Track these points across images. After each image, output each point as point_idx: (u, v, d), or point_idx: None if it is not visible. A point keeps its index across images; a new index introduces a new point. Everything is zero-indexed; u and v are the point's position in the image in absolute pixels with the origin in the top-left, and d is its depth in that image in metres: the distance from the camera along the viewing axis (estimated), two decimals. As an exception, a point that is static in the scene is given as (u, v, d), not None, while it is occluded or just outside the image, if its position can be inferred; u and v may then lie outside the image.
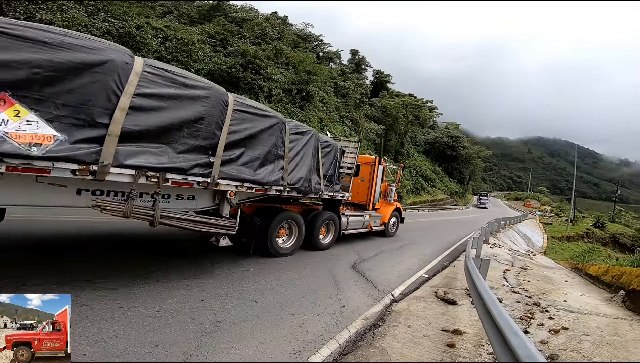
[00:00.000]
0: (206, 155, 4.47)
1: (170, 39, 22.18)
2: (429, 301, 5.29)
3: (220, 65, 24.05)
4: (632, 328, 4.27)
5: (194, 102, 4.29)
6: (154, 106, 3.88)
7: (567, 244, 36.35)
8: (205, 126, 4.40)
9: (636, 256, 8.93)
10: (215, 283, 4.76)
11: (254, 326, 3.68)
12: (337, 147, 7.65)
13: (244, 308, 4.09)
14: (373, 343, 3.78)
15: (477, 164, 68.38)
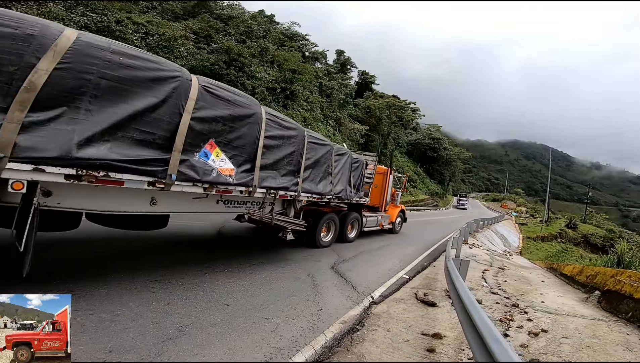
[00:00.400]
0: (295, 177, 6.08)
1: (152, 34, 21.56)
2: (409, 303, 5.17)
3: (203, 62, 23.58)
4: (610, 330, 4.27)
5: (290, 139, 5.85)
6: (273, 144, 5.43)
7: (542, 244, 37.50)
8: (295, 156, 6.01)
9: (610, 256, 9.18)
10: (184, 285, 4.47)
11: (223, 331, 3.46)
12: (362, 162, 9.49)
13: (214, 312, 3.85)
14: (351, 348, 3.61)
15: (457, 166, 69.78)
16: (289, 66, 29.49)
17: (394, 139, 55.12)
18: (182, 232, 7.24)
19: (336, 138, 36.96)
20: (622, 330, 4.31)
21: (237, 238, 7.95)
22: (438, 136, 64.54)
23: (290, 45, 35.65)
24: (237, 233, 8.45)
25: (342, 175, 8.01)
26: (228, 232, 8.34)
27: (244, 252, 6.55)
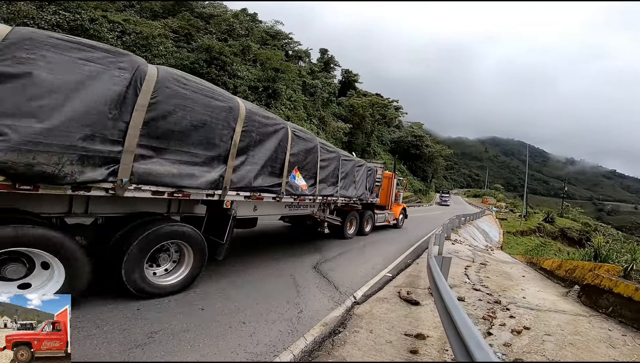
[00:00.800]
0: (335, 186, 8.12)
1: (129, 33, 20.85)
2: (392, 303, 5.08)
3: (183, 60, 23.09)
4: (591, 326, 4.29)
5: (333, 160, 7.90)
6: (324, 165, 7.37)
7: (521, 238, 38.51)
8: (336, 171, 8.07)
9: (587, 250, 9.40)
10: (157, 289, 4.22)
11: (196, 337, 3.29)
12: (375, 170, 11.71)
13: (188, 317, 3.67)
14: (332, 352, 3.48)
15: (439, 163, 70.92)
16: (272, 65, 29.18)
17: (378, 137, 55.51)
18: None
19: (320, 136, 36.89)
20: (604, 326, 4.33)
21: None
22: (420, 134, 65.42)
23: (273, 44, 35.30)
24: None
25: (362, 181, 10.04)
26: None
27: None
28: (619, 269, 5.94)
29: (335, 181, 8.08)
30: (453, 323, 2.31)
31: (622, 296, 4.75)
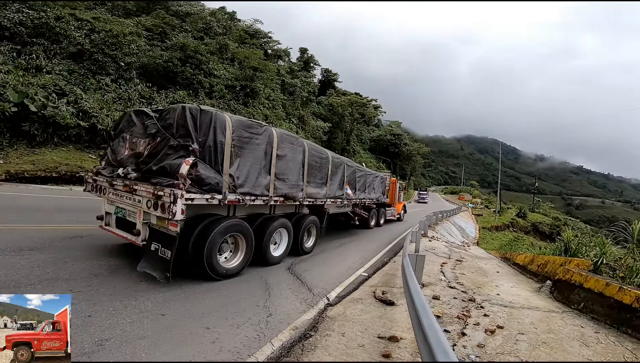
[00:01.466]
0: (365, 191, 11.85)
1: (98, 31, 19.88)
2: (367, 303, 4.93)
3: (155, 59, 22.29)
4: (564, 323, 4.27)
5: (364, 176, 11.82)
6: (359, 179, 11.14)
7: (496, 234, 39.63)
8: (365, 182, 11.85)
9: (557, 244, 9.63)
10: (113, 295, 3.90)
11: (153, 344, 3.03)
12: (385, 178, 15.62)
13: (145, 323, 3.38)
14: (301, 357, 3.28)
15: (417, 161, 72.07)
16: (250, 64, 28.71)
17: (357, 135, 55.77)
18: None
19: (300, 135, 36.54)
20: (577, 323, 4.32)
21: None
22: (399, 133, 66.25)
23: (252, 42, 34.68)
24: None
25: (378, 187, 13.79)
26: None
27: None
28: (589, 263, 6.03)
29: (364, 189, 11.76)
30: (421, 328, 2.17)
31: (593, 291, 4.78)
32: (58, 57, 18.02)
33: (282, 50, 46.51)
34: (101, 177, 5.41)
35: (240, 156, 5.03)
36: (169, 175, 4.34)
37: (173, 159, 4.40)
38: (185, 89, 23.19)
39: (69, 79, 17.38)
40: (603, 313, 4.53)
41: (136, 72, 20.83)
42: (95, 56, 19.18)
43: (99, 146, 16.40)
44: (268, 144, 5.68)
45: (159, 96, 21.01)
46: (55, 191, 11.46)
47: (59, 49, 18.13)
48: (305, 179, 6.90)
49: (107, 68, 19.58)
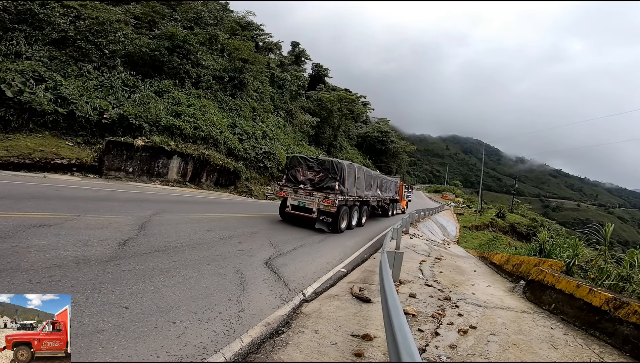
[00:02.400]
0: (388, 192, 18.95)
1: (84, 18, 19.15)
2: (344, 300, 4.89)
3: (142, 47, 21.70)
4: (535, 324, 4.32)
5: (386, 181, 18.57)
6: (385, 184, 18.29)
7: (476, 233, 40.46)
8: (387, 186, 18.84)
9: (533, 244, 9.85)
10: (75, 287, 3.72)
11: (111, 338, 2.91)
12: (397, 181, 21.80)
13: (106, 316, 3.24)
14: (270, 355, 3.21)
15: (403, 159, 72.60)
16: (240, 55, 28.20)
17: (345, 131, 55.70)
18: (89, 226, 6.25)
19: (287, 128, 36.37)
20: (547, 324, 4.37)
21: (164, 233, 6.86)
22: (386, 130, 66.46)
23: (243, 34, 33.97)
24: (166, 227, 7.44)
25: (393, 188, 19.78)
26: (155, 226, 7.34)
27: (165, 248, 5.79)
28: (562, 264, 6.15)
29: (386, 190, 17.77)
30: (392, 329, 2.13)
31: (564, 292, 4.83)
32: (40, 43, 17.32)
33: (274, 43, 45.94)
34: (285, 188, 11.49)
35: (347, 179, 11.31)
36: (330, 189, 10.67)
37: (331, 182, 10.80)
38: (172, 78, 22.68)
39: (49, 66, 16.77)
40: (573, 315, 4.56)
41: (121, 60, 20.26)
42: (78, 43, 18.52)
43: (76, 133, 15.84)
44: (355, 172, 12.19)
45: (143, 84, 20.44)
46: (27, 178, 10.97)
47: (41, 35, 17.44)
48: (364, 187, 13.33)
49: (91, 55, 18.95)
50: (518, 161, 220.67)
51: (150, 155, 17.25)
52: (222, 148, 21.89)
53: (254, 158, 24.90)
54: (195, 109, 21.66)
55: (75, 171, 14.24)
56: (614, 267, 6.25)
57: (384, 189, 17.90)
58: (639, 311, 3.74)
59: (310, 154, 20.17)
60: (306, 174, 11.45)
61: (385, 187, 17.99)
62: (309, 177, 11.32)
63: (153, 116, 18.16)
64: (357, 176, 12.47)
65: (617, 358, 3.53)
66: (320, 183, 11.00)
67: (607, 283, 5.56)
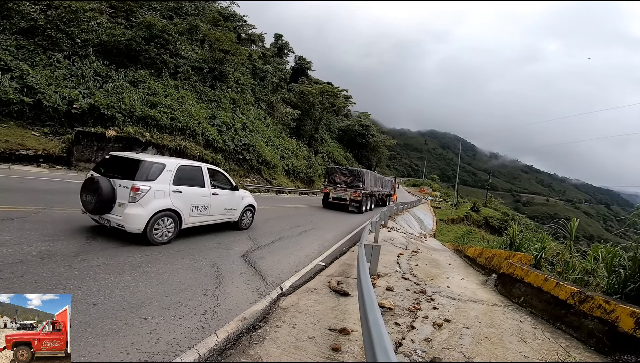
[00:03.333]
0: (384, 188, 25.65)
1: (56, 7, 18.08)
2: (322, 294, 4.89)
3: (117, 37, 20.77)
4: (505, 317, 4.46)
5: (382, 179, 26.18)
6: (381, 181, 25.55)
7: (452, 226, 41.67)
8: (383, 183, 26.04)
9: (504, 238, 10.19)
10: (39, 283, 3.55)
11: (79, 335, 2.82)
12: (391, 179, 32.17)
13: (72, 314, 3.05)
14: (247, 350, 3.16)
15: (383, 152, 73.38)
16: (221, 46, 27.51)
17: (326, 124, 55.68)
18: (55, 220, 5.95)
19: (267, 120, 35.96)
20: (516, 317, 4.49)
21: None
22: (367, 124, 66.84)
23: (226, 25, 33.03)
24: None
25: (389, 184, 27.74)
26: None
27: (136, 241, 5.58)
28: (531, 258, 6.38)
29: (383, 186, 24.42)
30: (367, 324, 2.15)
31: (533, 286, 4.95)
32: (7, 32, 16.42)
33: (257, 35, 45.10)
34: (328, 186, 18.63)
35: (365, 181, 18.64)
36: (357, 186, 18.12)
37: (357, 182, 18.25)
38: (148, 68, 21.89)
39: (16, 55, 15.94)
40: (541, 308, 4.62)
41: (93, 50, 19.37)
42: (48, 32, 17.58)
43: (44, 123, 15.08)
44: (368, 175, 19.54)
45: (117, 74, 19.61)
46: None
47: (9, 24, 16.49)
48: (372, 185, 20.01)
49: (61, 44, 18.03)
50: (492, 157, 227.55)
51: (123, 146, 16.64)
52: (200, 139, 21.40)
53: (233, 150, 24.50)
54: (172, 100, 21.04)
55: (42, 162, 13.56)
56: (579, 261, 6.53)
57: (383, 186, 25.57)
58: (602, 305, 3.76)
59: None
60: (341, 178, 18.67)
61: (384, 184, 25.84)
62: (343, 180, 18.54)
63: (127, 106, 17.51)
64: (369, 178, 20.06)
65: (582, 352, 3.60)
66: (350, 183, 18.36)
67: (573, 277, 5.79)
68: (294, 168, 34.69)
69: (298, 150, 38.56)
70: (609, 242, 6.37)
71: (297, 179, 35.08)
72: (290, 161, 34.56)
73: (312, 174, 38.07)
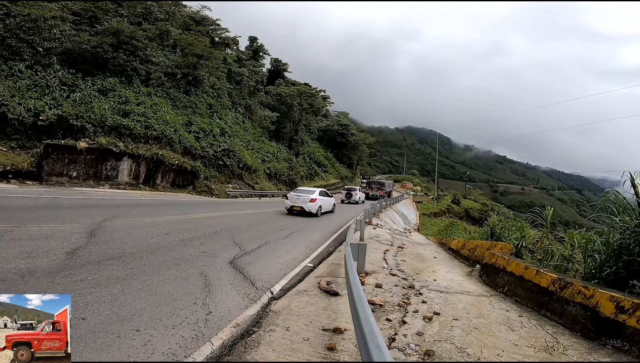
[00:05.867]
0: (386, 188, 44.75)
1: (14, 15, 17.27)
2: (312, 295, 4.91)
3: (82, 44, 20.03)
4: (492, 307, 4.58)
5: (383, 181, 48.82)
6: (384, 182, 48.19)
7: (435, 220, 42.56)
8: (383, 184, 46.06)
9: (485, 229, 10.51)
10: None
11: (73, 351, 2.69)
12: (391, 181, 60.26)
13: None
14: (243, 355, 3.14)
15: (363, 150, 74.14)
16: (194, 51, 27.02)
17: (305, 125, 55.70)
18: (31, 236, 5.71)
19: (246, 124, 35.63)
20: (503, 307, 4.61)
21: (117, 239, 6.46)
22: (346, 123, 67.38)
23: (198, 29, 32.48)
24: (119, 233, 7.00)
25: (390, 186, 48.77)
26: (106, 232, 6.87)
27: (120, 255, 5.44)
28: (511, 247, 6.59)
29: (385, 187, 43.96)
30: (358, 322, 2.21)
31: (515, 275, 5.05)
32: None
33: (231, 38, 44.58)
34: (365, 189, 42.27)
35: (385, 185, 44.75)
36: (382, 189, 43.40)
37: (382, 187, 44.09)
38: (117, 76, 21.25)
39: None
40: (524, 297, 4.68)
41: (57, 58, 18.67)
42: (8, 41, 16.81)
43: (10, 137, 14.39)
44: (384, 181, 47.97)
45: (84, 83, 18.94)
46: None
47: None
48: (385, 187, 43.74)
49: (22, 54, 17.33)
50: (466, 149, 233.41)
51: (96, 157, 16.12)
52: (177, 146, 20.99)
53: (213, 156, 24.15)
54: (145, 108, 20.54)
55: (11, 178, 12.96)
56: (557, 248, 6.75)
57: (387, 187, 44.10)
58: (582, 291, 3.78)
59: None
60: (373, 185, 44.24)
61: (387, 186, 44.91)
62: (373, 186, 43.73)
63: (97, 116, 16.95)
64: (383, 183, 44.99)
65: (569, 338, 3.65)
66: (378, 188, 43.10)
67: (553, 264, 5.97)
68: (275, 171, 34.55)
69: (279, 153, 38.45)
70: (584, 227, 6.50)
71: (279, 182, 34.96)
72: (271, 164, 34.41)
73: (294, 176, 38.03)
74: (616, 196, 5.09)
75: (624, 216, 4.73)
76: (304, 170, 42.92)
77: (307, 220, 13.69)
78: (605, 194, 5.65)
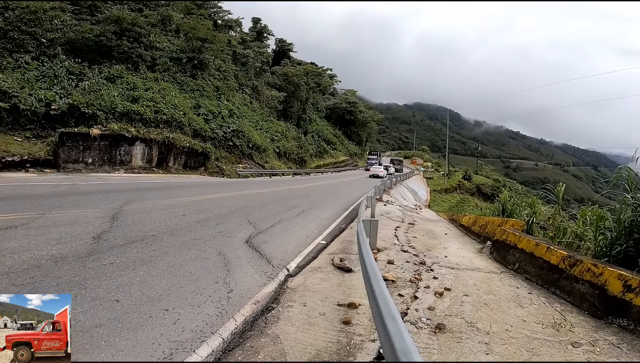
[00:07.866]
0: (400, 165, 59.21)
1: (13, 8, 17.22)
2: (326, 271, 5.11)
3: (85, 34, 20.04)
4: (502, 284, 4.69)
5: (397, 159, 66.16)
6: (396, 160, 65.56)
7: (445, 196, 42.43)
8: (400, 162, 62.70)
9: (496, 205, 10.49)
10: (60, 285, 3.64)
11: (111, 331, 2.93)
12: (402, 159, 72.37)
13: (99, 311, 3.23)
14: (265, 330, 3.35)
15: (372, 127, 73.57)
16: (197, 35, 26.76)
17: (313, 104, 55.24)
18: (57, 223, 6.00)
19: (253, 105, 35.53)
20: (512, 284, 4.69)
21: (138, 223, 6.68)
22: (354, 100, 66.53)
23: (200, 13, 31.98)
24: (140, 216, 7.25)
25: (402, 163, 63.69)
26: (127, 216, 7.14)
27: (142, 237, 5.69)
28: (522, 223, 6.59)
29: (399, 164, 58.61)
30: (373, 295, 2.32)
31: (526, 251, 5.00)
32: None
33: (234, 20, 43.84)
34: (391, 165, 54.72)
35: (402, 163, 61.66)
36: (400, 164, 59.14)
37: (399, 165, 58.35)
38: (123, 63, 21.26)
39: None
40: (535, 274, 4.67)
41: (62, 48, 18.69)
42: (10, 34, 16.82)
43: (24, 128, 14.65)
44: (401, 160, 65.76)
45: (91, 71, 19.03)
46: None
47: None
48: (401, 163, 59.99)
49: (26, 46, 17.37)
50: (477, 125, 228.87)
51: (109, 143, 16.42)
52: (187, 129, 21.18)
53: (222, 137, 24.33)
54: (153, 93, 20.62)
55: (29, 167, 13.33)
56: (569, 225, 6.68)
57: (398, 164, 57.75)
58: (591, 269, 3.73)
59: None
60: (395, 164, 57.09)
61: (398, 163, 59.36)
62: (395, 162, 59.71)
63: (107, 103, 17.14)
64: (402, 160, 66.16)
65: (576, 316, 3.68)
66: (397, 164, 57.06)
67: (565, 241, 5.92)
68: (284, 149, 34.64)
69: (287, 132, 38.40)
70: (597, 204, 6.39)
71: (289, 161, 35.14)
72: (280, 143, 34.46)
73: (303, 155, 38.11)
74: (628, 172, 5.01)
75: (636, 192, 4.64)
76: (312, 148, 42.89)
77: (319, 198, 13.85)
78: (618, 171, 5.45)
